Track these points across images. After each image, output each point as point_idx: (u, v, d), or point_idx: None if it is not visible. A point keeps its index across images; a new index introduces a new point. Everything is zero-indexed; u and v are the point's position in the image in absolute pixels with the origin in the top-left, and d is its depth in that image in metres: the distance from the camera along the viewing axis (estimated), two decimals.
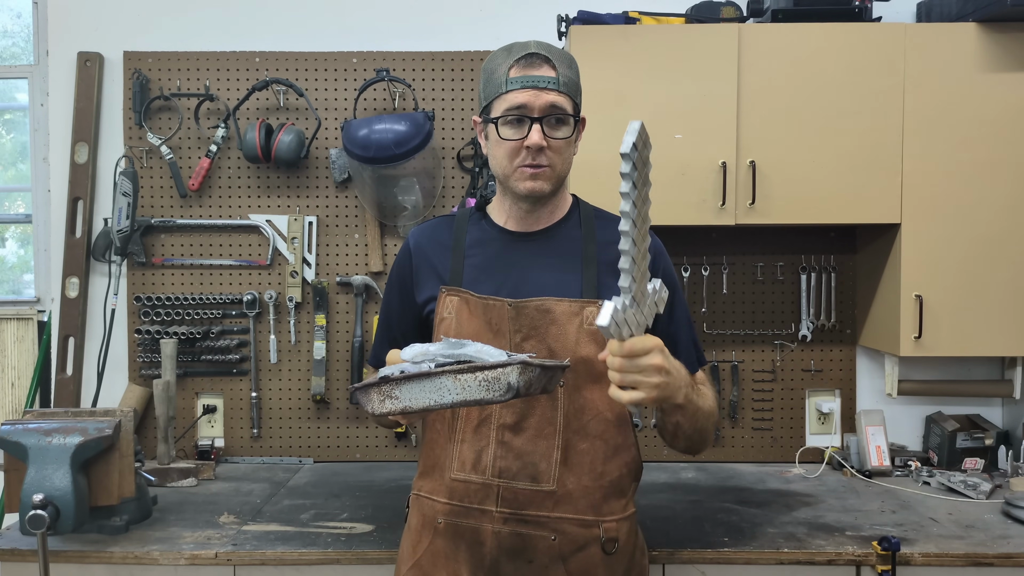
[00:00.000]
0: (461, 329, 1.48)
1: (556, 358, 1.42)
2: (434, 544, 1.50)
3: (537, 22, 2.54)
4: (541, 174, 1.45)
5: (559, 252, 1.52)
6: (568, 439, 1.45)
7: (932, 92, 2.22)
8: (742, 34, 2.23)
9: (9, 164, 2.90)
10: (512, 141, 1.44)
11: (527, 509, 1.44)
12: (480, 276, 1.51)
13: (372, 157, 2.39)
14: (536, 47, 1.44)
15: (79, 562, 1.86)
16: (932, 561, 1.83)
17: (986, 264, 2.23)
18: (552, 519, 1.44)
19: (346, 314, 2.64)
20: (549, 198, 1.51)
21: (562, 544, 1.44)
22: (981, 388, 2.58)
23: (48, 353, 2.66)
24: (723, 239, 2.59)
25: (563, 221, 1.56)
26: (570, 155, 1.50)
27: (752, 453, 2.63)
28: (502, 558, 1.44)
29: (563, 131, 1.45)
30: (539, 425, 1.45)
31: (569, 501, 1.45)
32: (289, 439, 2.65)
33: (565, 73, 1.44)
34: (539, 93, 1.42)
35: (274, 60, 2.62)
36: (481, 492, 1.45)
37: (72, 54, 2.62)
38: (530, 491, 1.44)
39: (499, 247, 1.54)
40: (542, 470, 1.44)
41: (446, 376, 1.17)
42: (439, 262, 1.56)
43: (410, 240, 1.61)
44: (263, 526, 2.01)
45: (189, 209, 2.64)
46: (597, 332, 1.43)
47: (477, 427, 1.47)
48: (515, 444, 1.45)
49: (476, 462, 1.46)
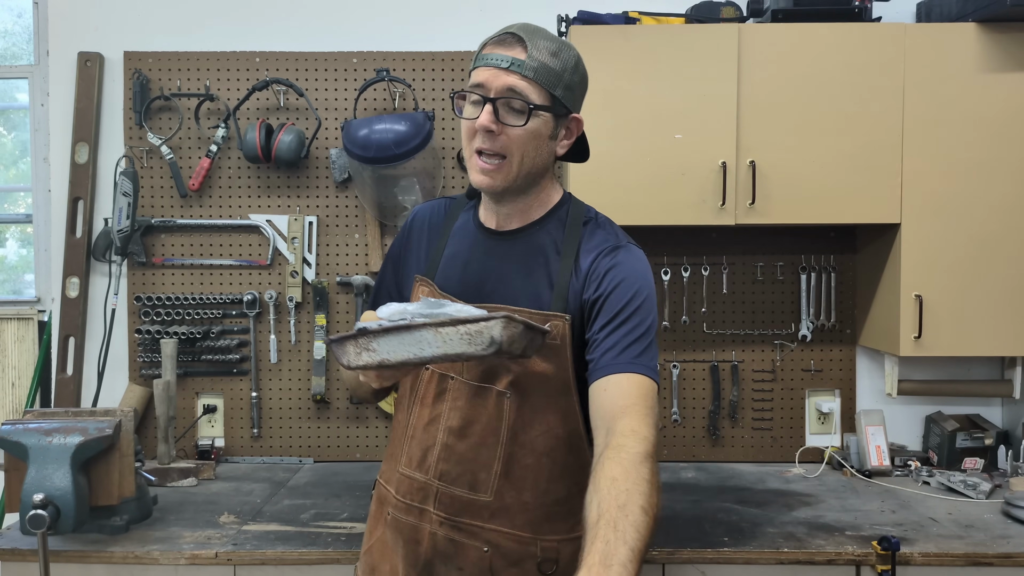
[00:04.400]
0: None
1: (502, 369, 1.36)
2: (384, 534, 1.49)
3: (537, 22, 2.48)
4: (495, 170, 1.34)
5: (530, 257, 1.42)
6: (512, 452, 1.38)
7: (932, 92, 2.22)
8: (742, 34, 2.23)
9: (10, 163, 2.90)
10: (467, 120, 1.35)
11: (462, 516, 1.39)
12: (449, 271, 1.46)
13: (372, 157, 2.39)
14: (519, 28, 1.35)
15: (79, 562, 1.86)
16: (932, 561, 1.83)
17: (986, 264, 2.23)
18: (485, 530, 1.39)
19: (346, 314, 2.64)
20: (516, 195, 1.40)
21: (494, 557, 1.39)
22: (981, 388, 2.58)
23: (48, 353, 2.66)
24: (723, 239, 2.59)
25: (542, 222, 1.44)
26: (538, 149, 1.36)
27: (752, 453, 2.63)
28: (436, 560, 1.42)
29: (518, 119, 1.31)
30: (483, 433, 1.39)
31: (505, 515, 1.38)
32: (289, 439, 2.65)
33: (540, 58, 1.32)
34: (499, 73, 1.31)
35: (274, 60, 2.62)
36: (423, 491, 1.42)
37: (72, 54, 2.62)
38: (467, 498, 1.39)
39: (471, 243, 1.47)
40: (481, 479, 1.39)
41: (427, 329, 1.12)
42: (426, 245, 1.52)
43: (412, 217, 1.58)
44: (263, 526, 2.01)
45: (189, 209, 2.64)
46: (559, 348, 1.35)
47: (427, 424, 1.43)
48: (458, 448, 1.40)
49: (422, 460, 1.43)
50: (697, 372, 2.62)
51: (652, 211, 2.23)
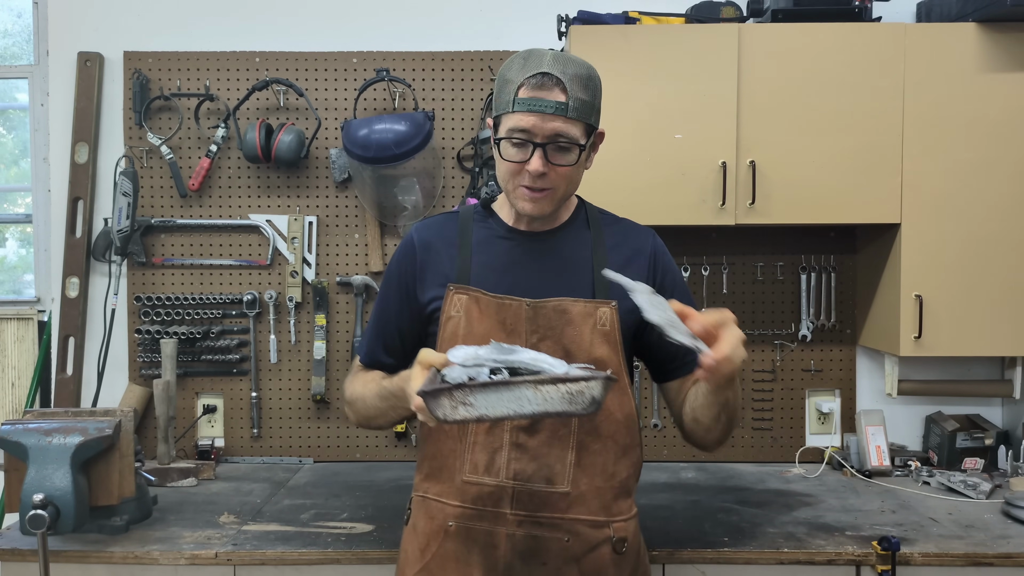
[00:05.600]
0: (471, 328, 1.45)
1: (572, 359, 1.39)
2: (444, 548, 1.47)
3: (537, 22, 2.55)
4: (542, 198, 1.43)
5: (569, 253, 1.51)
6: (582, 440, 1.45)
7: (932, 92, 2.22)
8: (742, 34, 2.23)
9: (10, 163, 2.90)
10: (514, 163, 1.41)
11: (542, 511, 1.43)
12: (490, 275, 1.49)
13: (372, 157, 2.39)
14: (550, 65, 1.37)
15: (79, 562, 1.86)
16: (932, 561, 1.83)
17: (986, 264, 2.23)
18: (566, 520, 1.44)
19: (346, 314, 2.64)
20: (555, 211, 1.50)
21: (575, 545, 1.44)
22: (981, 388, 2.58)
23: (48, 353, 2.66)
24: (723, 239, 2.59)
25: (570, 222, 1.55)
26: (577, 176, 1.46)
27: (752, 453, 2.63)
28: (516, 561, 1.43)
29: (568, 158, 1.40)
30: (554, 427, 1.44)
31: (582, 502, 1.45)
32: (289, 439, 2.65)
33: (578, 96, 1.38)
34: (545, 119, 1.36)
35: (274, 60, 2.62)
36: (495, 495, 1.44)
37: (72, 54, 2.62)
38: (545, 493, 1.43)
39: (508, 246, 1.52)
40: (557, 472, 1.44)
41: (527, 386, 1.14)
42: (446, 259, 1.52)
43: (415, 236, 1.57)
44: (263, 526, 2.01)
45: (189, 209, 2.64)
46: (609, 333, 1.45)
47: (490, 429, 1.45)
48: (530, 446, 1.44)
49: (489, 464, 1.44)
50: None
51: (652, 211, 2.23)
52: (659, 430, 2.63)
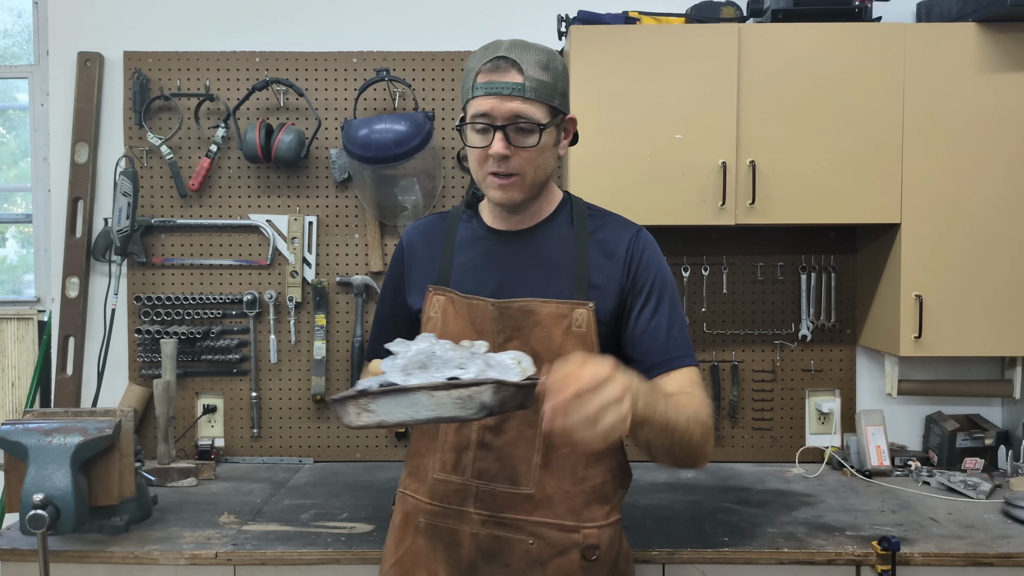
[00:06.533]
0: (446, 329, 1.46)
1: (540, 361, 1.36)
2: (415, 543, 1.50)
3: (537, 22, 2.54)
4: (511, 185, 1.41)
5: (548, 250, 1.48)
6: (549, 442, 1.41)
7: (932, 92, 2.22)
8: (742, 34, 2.23)
9: (10, 163, 2.90)
10: (478, 148, 1.41)
11: (505, 512, 1.42)
12: (467, 275, 1.49)
13: (372, 157, 2.39)
14: (507, 49, 1.38)
15: (79, 562, 1.86)
16: (932, 561, 1.83)
17: (986, 264, 2.23)
18: (530, 523, 1.42)
19: (346, 314, 2.64)
20: (529, 203, 1.47)
21: (540, 549, 1.42)
22: (981, 388, 2.58)
23: (48, 353, 2.66)
24: (723, 239, 2.59)
25: (551, 218, 1.51)
26: (546, 160, 1.44)
27: (752, 453, 2.63)
28: (479, 560, 1.43)
29: (529, 140, 1.38)
30: (520, 427, 1.42)
31: (548, 505, 1.42)
32: (289, 439, 2.65)
33: (535, 77, 1.37)
34: (502, 100, 1.36)
35: (274, 60, 2.62)
36: (460, 493, 1.44)
37: (72, 54, 2.62)
38: (508, 494, 1.42)
39: (487, 246, 1.51)
40: (521, 473, 1.42)
41: (422, 392, 1.15)
42: (430, 260, 1.54)
43: (404, 238, 1.61)
44: (263, 526, 2.01)
45: (189, 209, 2.64)
46: (586, 335, 1.41)
47: (460, 427, 1.45)
48: (495, 445, 1.43)
49: (456, 462, 1.45)
50: None
51: (652, 211, 2.23)
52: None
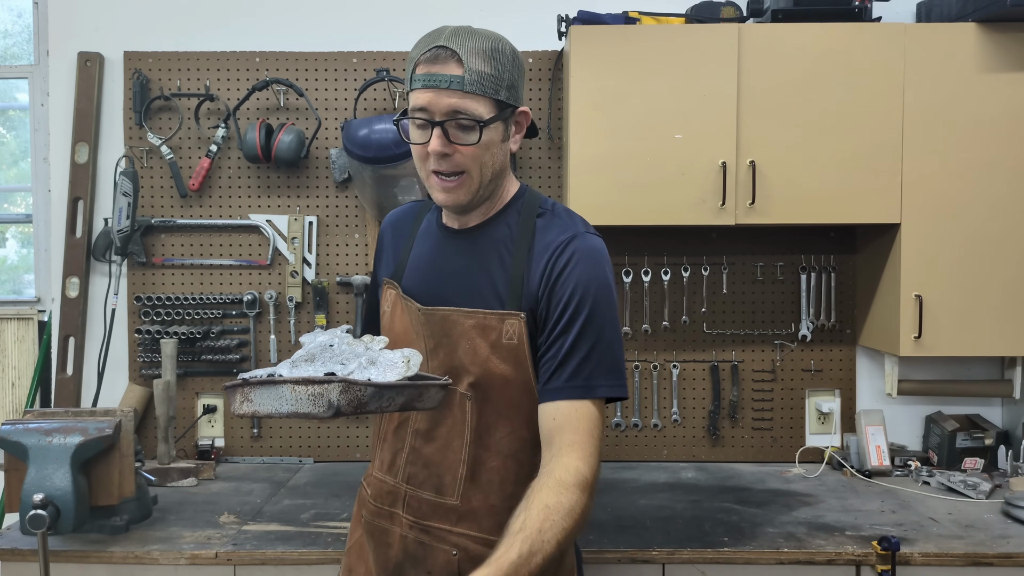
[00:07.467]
0: (393, 325, 1.44)
1: (463, 372, 1.34)
2: (360, 537, 1.52)
3: (537, 22, 2.54)
4: (456, 186, 1.31)
5: (487, 253, 1.37)
6: (477, 455, 1.36)
7: (932, 92, 2.22)
8: (742, 34, 2.23)
9: (10, 163, 2.90)
10: (418, 146, 1.31)
11: (430, 520, 1.39)
12: (412, 273, 1.44)
13: (372, 157, 2.39)
14: (447, 37, 1.28)
15: (79, 562, 1.86)
16: (932, 561, 1.83)
17: (986, 264, 2.23)
18: (454, 534, 1.38)
19: (346, 314, 2.64)
20: (480, 203, 1.37)
21: (462, 561, 1.37)
22: (981, 388, 2.58)
23: (48, 353, 2.66)
24: (723, 239, 2.59)
25: (498, 216, 1.40)
26: (494, 157, 1.32)
27: (752, 453, 2.63)
28: (406, 563, 1.42)
29: (470, 137, 1.28)
30: (448, 436, 1.37)
31: (473, 518, 1.37)
32: (289, 439, 2.65)
33: (477, 69, 1.26)
34: (440, 94, 1.25)
35: (274, 60, 2.62)
36: (392, 495, 1.44)
37: (72, 54, 2.62)
38: (434, 502, 1.39)
39: (434, 244, 1.44)
40: (447, 483, 1.38)
41: (286, 386, 1.14)
42: (394, 252, 1.51)
43: (383, 224, 1.58)
44: (263, 526, 2.01)
45: (189, 209, 2.64)
46: (517, 347, 1.32)
47: (397, 428, 1.44)
48: (424, 452, 1.40)
49: (391, 464, 1.45)
50: (697, 372, 2.62)
51: (652, 211, 2.23)
52: (659, 430, 2.63)
